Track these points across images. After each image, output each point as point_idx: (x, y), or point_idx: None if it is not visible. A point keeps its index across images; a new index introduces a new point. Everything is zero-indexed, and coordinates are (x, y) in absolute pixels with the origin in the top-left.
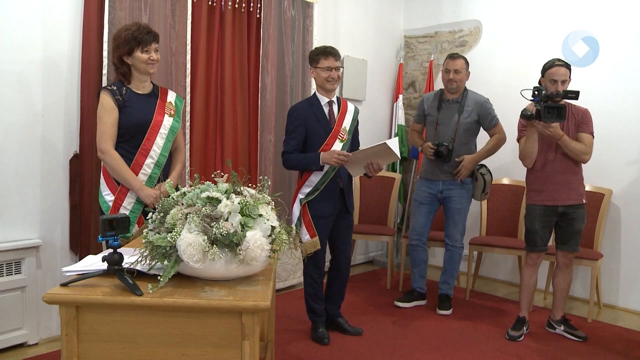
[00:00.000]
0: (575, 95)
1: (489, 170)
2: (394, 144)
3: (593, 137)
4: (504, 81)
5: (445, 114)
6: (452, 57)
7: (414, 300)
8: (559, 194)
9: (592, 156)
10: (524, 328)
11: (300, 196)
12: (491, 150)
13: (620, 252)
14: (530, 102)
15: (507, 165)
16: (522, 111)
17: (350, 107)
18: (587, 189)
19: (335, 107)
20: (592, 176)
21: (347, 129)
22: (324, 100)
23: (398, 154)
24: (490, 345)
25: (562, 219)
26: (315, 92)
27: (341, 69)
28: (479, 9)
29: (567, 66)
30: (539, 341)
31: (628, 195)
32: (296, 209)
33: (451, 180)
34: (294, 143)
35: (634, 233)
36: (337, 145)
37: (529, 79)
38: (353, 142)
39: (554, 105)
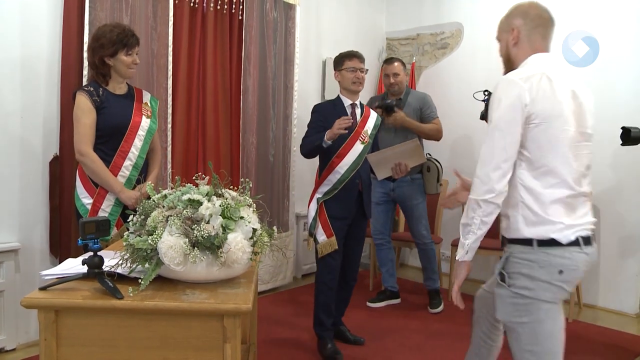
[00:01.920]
0: None
1: (436, 160)
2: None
3: None
4: (485, 83)
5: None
6: (388, 61)
7: (386, 300)
8: None
9: None
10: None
11: (318, 195)
12: (422, 128)
13: (600, 253)
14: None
15: None
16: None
17: (373, 114)
18: None
19: (358, 111)
20: None
21: (369, 133)
22: (347, 101)
23: (424, 155)
24: None
25: None
26: (339, 95)
27: (366, 70)
28: (460, 11)
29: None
30: None
31: (607, 197)
32: (312, 209)
33: (401, 178)
34: (312, 132)
35: (613, 234)
36: (358, 147)
37: None
38: (373, 149)
39: None
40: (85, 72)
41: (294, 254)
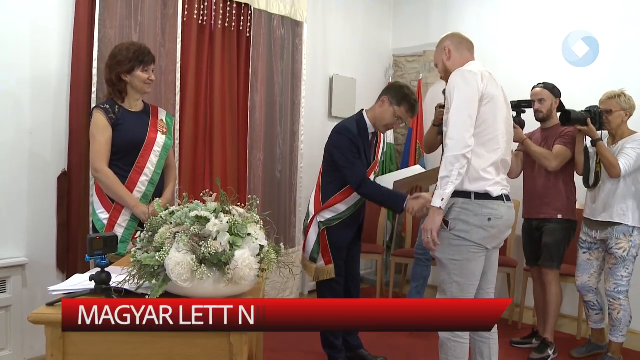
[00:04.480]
0: (527, 104)
1: None
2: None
3: (567, 149)
4: None
5: None
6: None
7: None
8: (533, 208)
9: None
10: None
11: (320, 219)
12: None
13: None
14: None
15: None
16: None
17: (383, 139)
18: None
19: (375, 139)
20: (577, 193)
21: (378, 161)
22: (370, 128)
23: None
24: None
25: (538, 232)
26: (363, 114)
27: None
28: (466, 28)
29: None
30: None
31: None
32: (313, 233)
33: None
34: (358, 162)
35: None
36: (370, 179)
37: (518, 93)
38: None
39: None
40: (94, 89)
41: (301, 270)
